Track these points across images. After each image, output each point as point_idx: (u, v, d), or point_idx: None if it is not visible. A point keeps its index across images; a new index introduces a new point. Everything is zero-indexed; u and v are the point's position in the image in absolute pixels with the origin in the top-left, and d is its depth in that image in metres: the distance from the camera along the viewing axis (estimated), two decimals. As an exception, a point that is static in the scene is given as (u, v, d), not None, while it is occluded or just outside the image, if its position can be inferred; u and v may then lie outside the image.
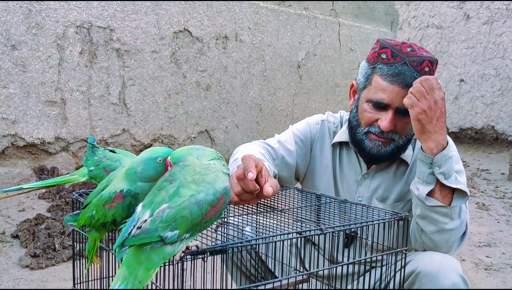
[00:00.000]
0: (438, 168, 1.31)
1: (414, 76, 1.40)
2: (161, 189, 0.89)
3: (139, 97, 4.70)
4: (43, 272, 2.56)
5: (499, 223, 3.92)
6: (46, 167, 4.17)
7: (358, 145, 1.51)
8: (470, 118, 8.74)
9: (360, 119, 1.50)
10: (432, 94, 1.33)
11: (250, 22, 5.53)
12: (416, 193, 1.35)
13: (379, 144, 1.46)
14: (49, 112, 4.16)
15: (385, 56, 1.44)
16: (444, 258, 1.33)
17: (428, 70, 1.43)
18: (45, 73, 4.11)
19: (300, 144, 1.63)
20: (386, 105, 1.43)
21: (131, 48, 4.59)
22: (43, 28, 4.07)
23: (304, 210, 1.30)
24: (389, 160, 1.51)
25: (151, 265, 0.86)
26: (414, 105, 1.34)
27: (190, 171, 0.93)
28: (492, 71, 8.39)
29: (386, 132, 1.45)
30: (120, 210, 1.03)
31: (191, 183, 0.90)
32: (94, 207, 1.08)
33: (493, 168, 6.71)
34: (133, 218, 0.87)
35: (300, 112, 6.07)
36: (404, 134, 1.48)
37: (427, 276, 1.29)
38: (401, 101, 1.40)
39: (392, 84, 1.41)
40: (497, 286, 2.66)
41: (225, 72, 5.36)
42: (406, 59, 1.41)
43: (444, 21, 9.09)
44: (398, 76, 1.41)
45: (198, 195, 0.89)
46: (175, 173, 0.92)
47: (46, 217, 3.24)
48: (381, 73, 1.43)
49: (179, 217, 0.86)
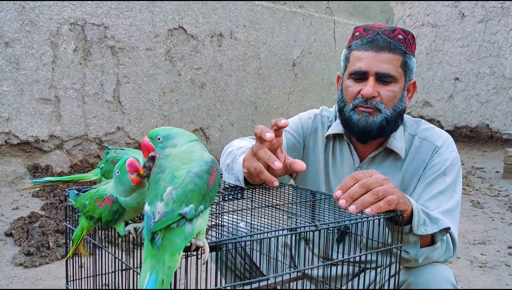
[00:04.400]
0: (417, 227, 1.22)
1: (388, 41, 1.43)
2: (158, 181, 0.90)
3: (134, 95, 4.68)
4: (37, 270, 2.55)
5: (494, 221, 3.94)
6: (40, 165, 4.14)
7: (348, 124, 1.49)
8: (465, 117, 8.77)
9: (345, 97, 1.51)
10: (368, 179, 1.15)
11: (245, 19, 5.52)
12: (407, 256, 1.28)
13: (365, 115, 1.45)
14: (43, 110, 4.13)
15: (358, 33, 1.49)
16: (434, 266, 1.31)
17: (402, 38, 1.45)
18: (39, 71, 4.08)
19: (291, 138, 1.62)
20: (364, 72, 1.44)
21: (126, 45, 4.57)
22: (36, 25, 4.04)
23: (298, 206, 1.30)
24: (380, 135, 1.47)
25: (176, 248, 0.87)
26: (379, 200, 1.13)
27: (175, 157, 0.96)
28: (487, 69, 8.42)
29: (370, 100, 1.44)
30: (106, 212, 1.04)
31: (181, 165, 0.94)
32: (89, 197, 1.09)
33: (488, 166, 6.74)
34: (148, 216, 0.87)
35: (295, 110, 6.06)
36: (390, 104, 1.45)
37: (418, 286, 1.28)
38: (378, 65, 1.42)
39: (367, 51, 1.44)
40: (492, 283, 2.67)
41: (220, 70, 5.34)
42: (378, 30, 1.46)
43: (439, 19, 9.12)
44: (371, 43, 1.44)
45: (193, 169, 0.93)
46: (162, 164, 0.95)
47: (40, 215, 3.22)
48: (356, 47, 1.48)
49: (188, 191, 0.89)
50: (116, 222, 1.05)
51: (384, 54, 1.43)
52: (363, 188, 1.11)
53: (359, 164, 1.56)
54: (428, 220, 1.25)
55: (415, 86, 1.56)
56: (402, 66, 1.45)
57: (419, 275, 1.29)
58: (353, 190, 1.12)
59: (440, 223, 1.27)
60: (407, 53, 1.46)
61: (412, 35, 1.49)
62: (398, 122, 1.51)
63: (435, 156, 1.49)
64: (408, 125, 1.57)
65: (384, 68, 1.43)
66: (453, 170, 1.46)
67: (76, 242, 1.13)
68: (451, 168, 1.46)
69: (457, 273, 2.80)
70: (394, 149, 1.50)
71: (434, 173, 1.45)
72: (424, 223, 1.24)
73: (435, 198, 1.40)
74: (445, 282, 1.28)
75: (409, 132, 1.54)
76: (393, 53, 1.43)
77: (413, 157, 1.51)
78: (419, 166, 1.50)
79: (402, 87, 1.48)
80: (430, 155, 1.49)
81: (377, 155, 1.54)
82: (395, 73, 1.44)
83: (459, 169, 1.48)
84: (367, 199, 1.11)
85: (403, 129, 1.55)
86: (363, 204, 1.11)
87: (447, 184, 1.43)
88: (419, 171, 1.49)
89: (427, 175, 1.47)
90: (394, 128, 1.50)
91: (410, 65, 1.48)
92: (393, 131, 1.50)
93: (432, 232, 1.25)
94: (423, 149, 1.51)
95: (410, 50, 1.48)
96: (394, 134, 1.52)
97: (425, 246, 1.28)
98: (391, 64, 1.43)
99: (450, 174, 1.45)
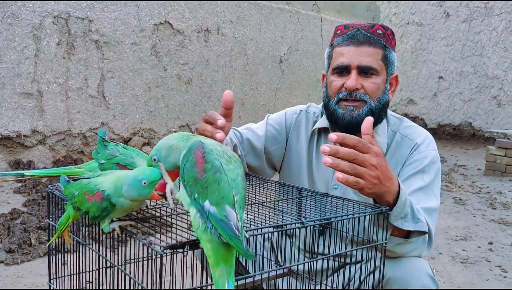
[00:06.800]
0: (395, 218, 1.24)
1: (368, 36, 1.47)
2: (219, 182, 0.91)
3: (118, 90, 4.63)
4: (18, 267, 2.51)
5: (475, 218, 4.00)
6: (22, 160, 4.07)
7: (333, 118, 1.51)
8: (448, 115, 8.89)
9: (329, 92, 1.54)
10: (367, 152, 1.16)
11: (232, 15, 5.49)
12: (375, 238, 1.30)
13: (351, 109, 1.47)
14: (25, 104, 4.06)
15: (339, 31, 1.54)
16: (410, 260, 1.33)
17: (381, 33, 1.49)
18: (21, 64, 4.01)
19: (273, 131, 1.63)
20: (347, 66, 1.48)
21: (110, 39, 4.51)
22: (18, 18, 3.96)
23: (284, 203, 1.29)
24: None
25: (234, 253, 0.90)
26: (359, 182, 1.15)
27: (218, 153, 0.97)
28: (470, 68, 8.54)
29: (354, 92, 1.46)
30: (94, 208, 1.01)
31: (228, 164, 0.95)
32: (78, 188, 1.06)
33: (470, 163, 6.84)
34: (222, 220, 0.88)
35: (282, 107, 6.07)
36: (375, 96, 1.48)
37: (397, 281, 1.29)
38: (360, 59, 1.46)
39: (348, 46, 1.48)
40: (473, 278, 2.71)
41: (206, 66, 5.32)
42: (358, 27, 1.51)
43: (424, 18, 9.20)
44: (352, 38, 1.49)
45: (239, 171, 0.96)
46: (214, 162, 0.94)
47: (22, 211, 3.16)
48: (337, 44, 1.52)
49: (243, 197, 0.92)
50: (103, 219, 1.03)
51: (364, 47, 1.46)
52: (349, 157, 1.13)
53: None
54: (410, 217, 1.26)
55: (397, 80, 1.59)
56: (383, 59, 1.49)
57: (396, 270, 1.30)
58: (342, 151, 1.13)
59: (419, 224, 1.28)
60: (387, 47, 1.50)
61: (391, 30, 1.53)
62: (382, 115, 1.53)
63: (414, 153, 1.50)
64: (391, 122, 1.58)
65: (366, 61, 1.46)
66: (432, 168, 1.47)
67: (61, 228, 1.10)
68: (430, 166, 1.47)
69: (439, 268, 2.83)
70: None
71: (413, 169, 1.47)
72: (405, 218, 1.25)
73: (413, 194, 1.41)
74: (423, 274, 1.30)
75: (392, 128, 1.56)
76: (374, 46, 1.47)
77: (394, 153, 1.52)
78: (399, 162, 1.51)
79: (385, 80, 1.51)
80: (409, 152, 1.51)
81: None
82: (376, 65, 1.47)
83: (438, 168, 1.50)
84: (343, 165, 1.13)
85: (386, 126, 1.56)
86: (336, 165, 1.12)
87: (426, 182, 1.44)
88: (398, 167, 1.51)
89: (406, 172, 1.48)
90: (379, 120, 1.52)
91: (391, 58, 1.51)
92: (378, 123, 1.52)
93: (407, 229, 1.26)
94: (403, 146, 1.52)
95: (390, 44, 1.51)
96: (377, 130, 1.53)
97: (398, 236, 1.30)
98: (372, 57, 1.47)
99: (429, 172, 1.46)
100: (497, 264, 2.94)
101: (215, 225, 0.86)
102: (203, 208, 0.88)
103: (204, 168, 0.92)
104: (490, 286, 2.64)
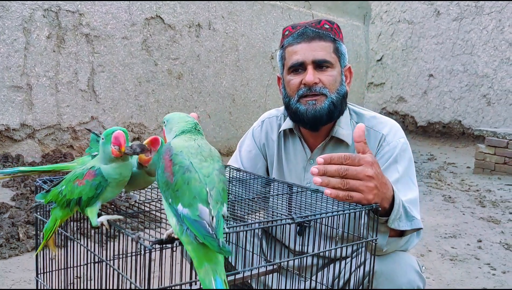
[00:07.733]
0: (391, 221, 1.25)
1: (316, 31, 1.51)
2: (189, 182, 0.92)
3: (109, 84, 4.59)
4: (6, 262, 2.48)
5: (464, 215, 4.04)
6: (11, 154, 4.03)
7: (296, 116, 1.53)
8: (438, 113, 8.95)
9: (289, 92, 1.55)
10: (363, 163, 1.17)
11: (223, 10, 5.47)
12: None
13: (312, 103, 1.49)
14: (14, 98, 4.01)
15: (288, 32, 1.57)
16: (397, 255, 1.34)
17: (329, 27, 1.52)
18: (10, 57, 3.96)
19: (253, 151, 1.69)
20: (302, 63, 1.50)
21: (101, 33, 4.47)
22: (8, 10, 3.91)
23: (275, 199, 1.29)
24: (329, 119, 1.51)
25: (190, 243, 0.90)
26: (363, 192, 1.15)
27: (189, 153, 0.98)
28: (460, 67, 8.60)
29: (313, 87, 1.48)
30: (87, 188, 1.02)
31: (202, 162, 0.95)
32: (65, 182, 1.08)
33: (459, 161, 6.90)
34: (196, 220, 0.88)
35: (272, 103, 6.06)
36: (333, 88, 1.50)
37: (383, 275, 1.30)
38: (313, 54, 1.48)
39: (299, 44, 1.51)
40: (462, 276, 2.74)
41: (197, 61, 5.29)
42: (305, 25, 1.54)
43: (415, 16, 9.24)
44: (302, 35, 1.51)
45: (215, 166, 0.96)
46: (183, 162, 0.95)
47: (10, 205, 3.13)
48: (288, 43, 1.54)
49: (221, 190, 0.92)
50: (98, 199, 1.04)
51: (316, 42, 1.50)
52: (339, 173, 1.13)
53: (310, 155, 1.58)
54: (404, 216, 1.27)
55: (351, 72, 1.62)
56: (335, 52, 1.52)
57: (383, 264, 1.31)
58: (330, 169, 1.13)
59: (414, 222, 1.29)
60: (336, 40, 1.53)
61: (337, 25, 1.57)
62: (343, 106, 1.55)
63: (383, 144, 1.51)
64: (354, 114, 1.60)
65: (320, 55, 1.49)
66: (404, 157, 1.47)
67: (47, 235, 1.10)
68: (401, 154, 1.48)
69: (428, 265, 2.86)
70: (340, 137, 1.53)
71: (386, 162, 1.47)
72: (400, 218, 1.26)
73: None
74: (409, 269, 1.31)
75: (355, 120, 1.57)
76: (324, 40, 1.51)
77: None
78: None
79: (340, 72, 1.54)
80: (377, 145, 1.52)
81: (326, 145, 1.57)
82: (330, 58, 1.50)
83: (410, 154, 1.50)
84: (333, 182, 1.13)
85: (349, 119, 1.57)
86: (327, 183, 1.13)
87: (401, 172, 1.45)
88: None
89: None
90: (341, 112, 1.54)
91: (342, 51, 1.55)
92: (340, 115, 1.54)
93: (404, 229, 1.28)
94: (370, 138, 1.52)
95: (338, 37, 1.55)
96: (339, 122, 1.55)
97: (393, 236, 1.31)
98: (325, 51, 1.50)
99: (401, 161, 1.47)
100: (486, 262, 2.97)
101: (189, 227, 0.86)
102: (177, 211, 0.89)
103: (172, 171, 0.93)
104: (479, 283, 2.67)
